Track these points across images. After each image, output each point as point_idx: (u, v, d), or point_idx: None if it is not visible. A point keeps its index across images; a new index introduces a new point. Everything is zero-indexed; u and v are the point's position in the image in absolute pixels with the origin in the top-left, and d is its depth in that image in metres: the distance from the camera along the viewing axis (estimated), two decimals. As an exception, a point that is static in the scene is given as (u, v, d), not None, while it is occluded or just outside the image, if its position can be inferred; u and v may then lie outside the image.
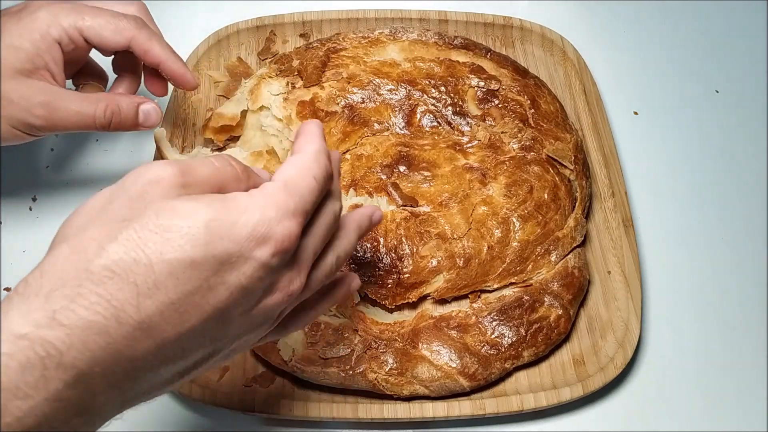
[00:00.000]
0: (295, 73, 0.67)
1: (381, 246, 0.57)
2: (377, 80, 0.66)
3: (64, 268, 0.30)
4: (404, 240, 0.58)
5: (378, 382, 0.54)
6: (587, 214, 0.64)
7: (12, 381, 0.27)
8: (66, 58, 0.52)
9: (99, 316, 0.29)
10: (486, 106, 0.66)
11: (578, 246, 0.61)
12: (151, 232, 0.30)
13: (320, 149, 0.37)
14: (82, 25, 0.50)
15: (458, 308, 0.58)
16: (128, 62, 0.57)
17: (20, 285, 0.30)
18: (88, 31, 0.51)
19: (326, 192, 0.38)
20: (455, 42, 0.69)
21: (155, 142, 0.60)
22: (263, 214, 0.33)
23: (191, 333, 0.32)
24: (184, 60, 0.71)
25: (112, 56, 0.56)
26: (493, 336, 0.56)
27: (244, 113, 0.65)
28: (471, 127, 0.65)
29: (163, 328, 0.31)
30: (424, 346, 0.55)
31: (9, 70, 0.49)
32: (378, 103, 0.65)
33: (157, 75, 0.57)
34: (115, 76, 0.58)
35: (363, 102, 0.65)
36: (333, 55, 0.68)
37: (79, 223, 0.33)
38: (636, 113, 0.76)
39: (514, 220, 0.59)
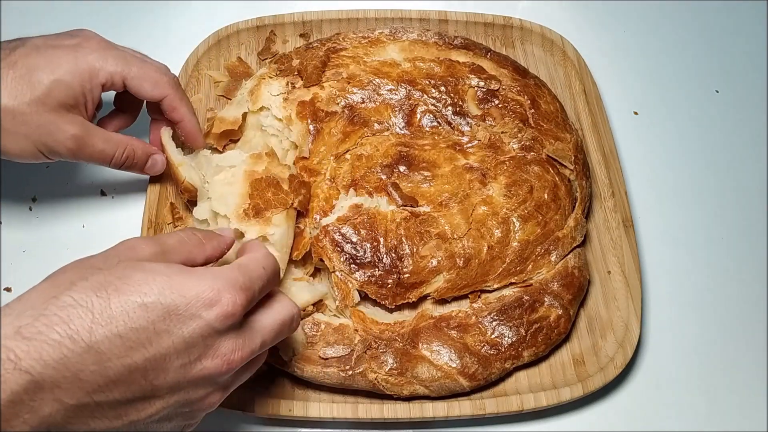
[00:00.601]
0: (295, 73, 0.67)
1: (381, 246, 0.57)
2: (377, 80, 0.66)
3: (37, 296, 0.37)
4: (404, 240, 0.58)
5: (378, 382, 0.54)
6: (587, 214, 0.64)
7: None
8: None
9: (56, 334, 0.35)
10: (486, 106, 0.66)
11: (578, 246, 0.61)
12: (115, 277, 0.37)
13: (269, 254, 0.45)
14: (128, 74, 0.56)
15: (458, 308, 0.58)
16: (133, 104, 0.63)
17: (3, 309, 0.36)
18: (131, 81, 0.57)
19: (271, 288, 0.45)
20: (455, 42, 0.69)
21: (161, 142, 0.62)
22: (214, 282, 0.39)
23: (132, 368, 0.37)
24: (185, 59, 0.72)
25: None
26: (493, 336, 0.56)
27: (245, 115, 0.65)
28: (471, 127, 0.65)
29: (108, 356, 0.36)
30: (424, 346, 0.55)
31: (54, 103, 0.53)
32: (378, 103, 0.65)
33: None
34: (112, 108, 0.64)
35: (363, 102, 0.65)
36: (333, 55, 0.68)
37: (63, 270, 0.39)
38: (636, 113, 0.76)
39: (514, 220, 0.59)
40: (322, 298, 0.57)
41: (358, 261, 0.57)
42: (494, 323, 0.56)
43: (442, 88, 0.66)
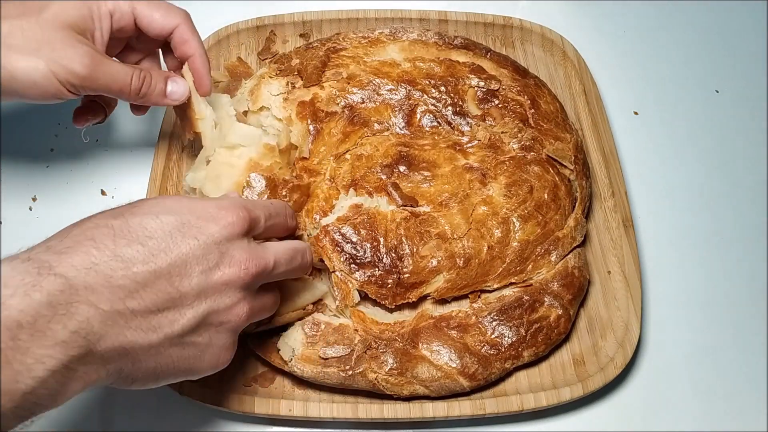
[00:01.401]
0: (295, 73, 0.67)
1: (381, 246, 0.57)
2: (377, 80, 0.66)
3: (59, 232, 0.40)
4: (404, 240, 0.58)
5: (378, 382, 0.54)
6: (587, 214, 0.64)
7: (10, 280, 0.35)
8: (110, 37, 0.55)
9: (83, 247, 0.38)
10: (486, 106, 0.66)
11: (578, 246, 0.61)
12: (127, 207, 0.42)
13: (277, 200, 0.53)
14: (136, 3, 0.54)
15: (458, 308, 0.58)
16: (106, 98, 0.60)
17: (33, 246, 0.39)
18: (141, 10, 0.55)
19: (284, 226, 0.51)
20: (455, 42, 0.69)
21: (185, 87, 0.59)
22: (220, 202, 0.44)
23: (157, 273, 0.40)
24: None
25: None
26: (493, 336, 0.56)
27: (245, 113, 0.65)
28: (471, 127, 0.65)
29: (133, 262, 0.39)
30: (424, 346, 0.55)
31: (61, 22, 0.50)
32: (378, 103, 0.65)
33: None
34: None
35: (363, 102, 0.65)
36: (333, 55, 0.68)
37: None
38: (636, 113, 0.76)
39: (514, 220, 0.59)
40: (322, 298, 0.57)
41: (358, 261, 0.57)
42: (494, 323, 0.56)
43: (442, 88, 0.66)
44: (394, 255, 0.57)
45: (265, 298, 0.49)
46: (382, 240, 0.57)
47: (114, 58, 0.54)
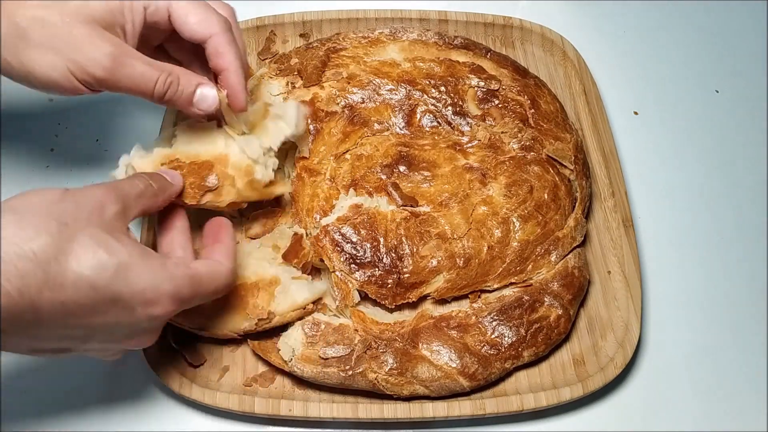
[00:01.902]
0: (295, 73, 0.67)
1: (381, 246, 0.57)
2: (377, 80, 0.66)
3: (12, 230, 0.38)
4: (404, 240, 0.58)
5: (378, 382, 0.54)
6: (587, 214, 0.64)
7: None
8: (144, 30, 0.51)
9: (8, 284, 0.36)
10: (486, 106, 0.66)
11: (578, 246, 0.61)
12: (78, 244, 0.39)
13: (229, 274, 0.48)
14: (173, 2, 0.50)
15: (458, 308, 0.58)
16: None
17: None
18: (176, 10, 0.50)
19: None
20: (455, 42, 0.69)
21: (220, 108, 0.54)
22: (162, 285, 0.42)
23: (62, 328, 0.40)
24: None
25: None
26: (493, 336, 0.56)
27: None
28: (471, 127, 0.65)
29: (46, 317, 0.38)
30: (424, 346, 0.55)
31: (86, 16, 0.47)
32: (378, 103, 0.65)
33: None
34: None
35: (363, 102, 0.65)
36: (333, 55, 0.68)
37: (32, 205, 0.40)
38: (636, 113, 0.76)
39: (514, 220, 0.59)
40: (322, 297, 0.57)
41: (358, 261, 0.57)
42: (494, 323, 0.56)
43: (442, 88, 0.66)
44: (394, 255, 0.57)
45: None
46: (382, 240, 0.57)
47: (142, 56, 0.49)
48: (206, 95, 0.52)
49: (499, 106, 0.66)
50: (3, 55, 0.47)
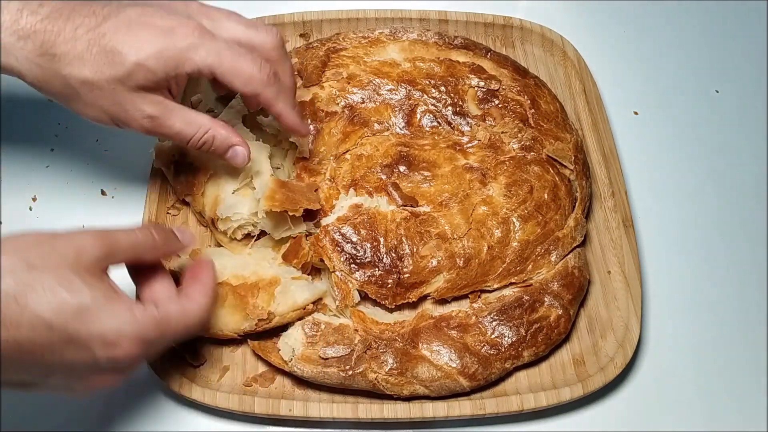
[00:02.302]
0: (295, 73, 0.67)
1: (381, 246, 0.57)
2: (377, 80, 0.66)
3: None
4: (404, 240, 0.58)
5: (378, 382, 0.54)
6: (587, 214, 0.64)
7: None
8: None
9: None
10: (486, 106, 0.66)
11: (578, 246, 0.61)
12: (41, 285, 0.39)
13: (202, 313, 0.47)
14: (217, 68, 0.51)
15: (458, 308, 0.58)
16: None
17: None
18: (221, 76, 0.51)
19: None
20: (455, 42, 0.69)
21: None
22: (124, 327, 0.42)
23: (19, 365, 0.40)
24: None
25: None
26: (493, 336, 0.56)
27: (245, 115, 0.65)
28: (471, 127, 0.65)
29: (1, 350, 0.38)
30: (424, 346, 0.55)
31: (134, 84, 0.50)
32: (378, 103, 0.65)
33: None
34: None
35: (363, 102, 0.65)
36: (333, 55, 0.68)
37: (5, 247, 0.40)
38: (636, 113, 0.76)
39: (514, 220, 0.59)
40: (322, 297, 0.57)
41: (358, 261, 0.57)
42: (494, 323, 0.56)
43: (442, 88, 0.66)
44: (394, 255, 0.57)
45: None
46: (382, 240, 0.57)
47: (181, 113, 0.53)
48: (238, 153, 0.55)
49: (499, 106, 0.66)
50: (54, 98, 0.51)
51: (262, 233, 0.59)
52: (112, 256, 0.44)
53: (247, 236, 0.59)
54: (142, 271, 0.48)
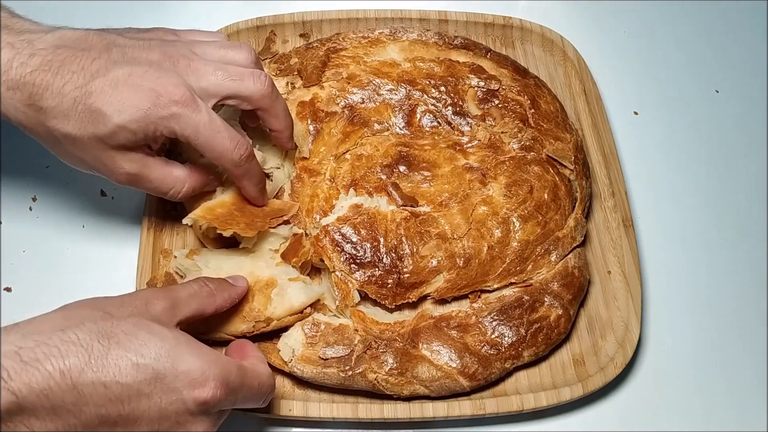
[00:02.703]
0: (295, 73, 0.67)
1: (381, 246, 0.57)
2: (377, 80, 0.66)
3: (47, 324, 0.39)
4: (404, 240, 0.58)
5: (378, 382, 0.54)
6: (587, 214, 0.64)
7: None
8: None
9: (50, 365, 0.37)
10: (486, 106, 0.66)
11: (578, 246, 0.61)
12: (121, 330, 0.40)
13: (272, 375, 0.48)
14: (194, 141, 0.52)
15: (458, 308, 0.58)
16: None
17: (11, 326, 0.39)
18: (197, 147, 0.52)
19: (253, 404, 0.48)
20: (455, 42, 0.69)
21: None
22: (209, 368, 0.42)
23: (104, 419, 0.39)
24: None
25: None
26: (493, 336, 0.56)
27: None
28: (471, 127, 0.65)
29: (87, 401, 0.38)
30: (424, 346, 0.55)
31: (115, 143, 0.51)
32: (378, 103, 0.65)
33: None
34: None
35: (363, 102, 0.65)
36: (333, 55, 0.68)
37: (78, 305, 0.42)
38: (636, 113, 0.76)
39: (514, 220, 0.59)
40: (320, 299, 0.57)
41: (358, 261, 0.57)
42: (494, 323, 0.56)
43: (442, 88, 0.66)
44: (394, 255, 0.57)
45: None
46: (382, 240, 0.57)
47: (159, 168, 0.54)
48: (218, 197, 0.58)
49: (499, 106, 0.66)
50: (37, 139, 0.53)
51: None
52: (177, 308, 0.46)
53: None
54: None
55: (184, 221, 0.56)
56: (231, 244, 0.58)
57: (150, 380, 0.40)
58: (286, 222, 0.59)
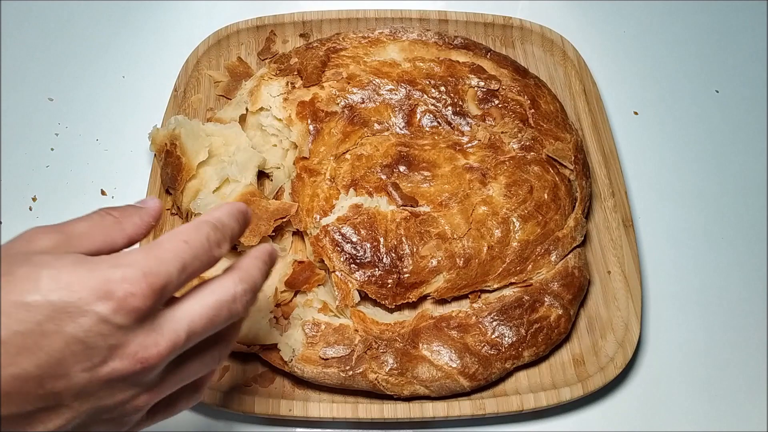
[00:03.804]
0: (295, 73, 0.67)
1: (381, 246, 0.57)
2: (377, 80, 0.66)
3: None
4: (404, 240, 0.58)
5: (378, 382, 0.54)
6: (587, 214, 0.64)
7: None
8: None
9: None
10: (486, 106, 0.66)
11: (578, 246, 0.61)
12: (4, 274, 0.31)
13: (211, 219, 0.37)
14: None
15: (458, 308, 0.58)
16: None
17: None
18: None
19: (208, 262, 0.36)
20: (455, 42, 0.69)
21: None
22: (110, 272, 0.32)
23: (22, 378, 0.31)
24: (185, 59, 0.72)
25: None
26: (493, 336, 0.56)
27: (243, 117, 0.65)
28: (471, 127, 0.65)
29: None
30: (425, 346, 0.55)
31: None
32: (378, 103, 0.65)
33: None
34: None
35: (363, 102, 0.65)
36: (333, 55, 0.68)
37: None
38: (636, 113, 0.76)
39: (514, 220, 0.59)
40: (323, 300, 0.57)
41: (358, 261, 0.57)
42: (494, 323, 0.56)
43: (442, 88, 0.66)
44: (394, 255, 0.57)
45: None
46: (382, 240, 0.57)
47: None
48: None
49: (499, 106, 0.66)
50: None
51: None
52: (72, 241, 0.36)
53: None
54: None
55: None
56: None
57: (51, 315, 0.31)
58: (287, 223, 0.59)
